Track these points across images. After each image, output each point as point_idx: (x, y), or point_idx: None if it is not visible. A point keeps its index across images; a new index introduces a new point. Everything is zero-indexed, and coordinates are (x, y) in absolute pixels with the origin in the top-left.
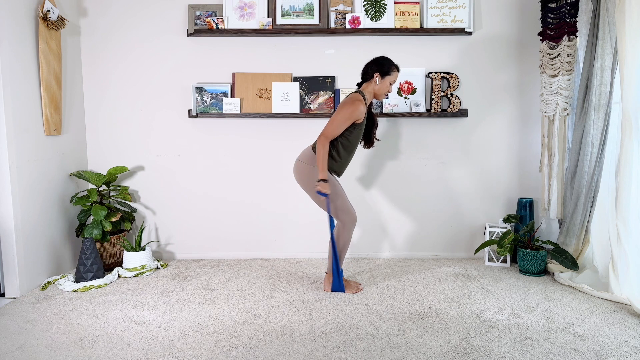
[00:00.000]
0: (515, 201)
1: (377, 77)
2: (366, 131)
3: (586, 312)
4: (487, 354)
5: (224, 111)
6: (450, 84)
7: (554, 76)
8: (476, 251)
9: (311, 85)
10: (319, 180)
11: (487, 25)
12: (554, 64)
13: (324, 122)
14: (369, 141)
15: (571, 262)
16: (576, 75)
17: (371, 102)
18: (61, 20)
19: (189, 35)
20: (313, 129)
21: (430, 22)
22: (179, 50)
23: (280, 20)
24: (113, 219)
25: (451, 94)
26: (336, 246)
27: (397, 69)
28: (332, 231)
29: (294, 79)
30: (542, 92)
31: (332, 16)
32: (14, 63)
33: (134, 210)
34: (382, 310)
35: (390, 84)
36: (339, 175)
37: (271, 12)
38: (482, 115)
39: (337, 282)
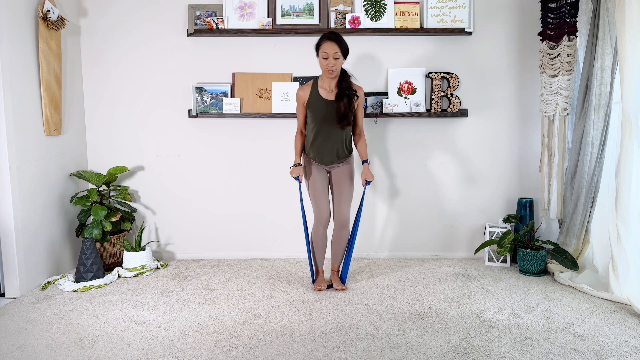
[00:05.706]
0: (515, 201)
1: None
2: (336, 110)
3: (586, 312)
4: (487, 354)
5: (224, 111)
6: (450, 84)
7: (554, 76)
8: (476, 251)
9: None
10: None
11: (487, 25)
12: (554, 64)
13: None
14: (341, 121)
15: (571, 262)
16: (576, 75)
17: (344, 81)
18: (61, 20)
19: (189, 35)
20: None
21: (430, 22)
22: (179, 50)
23: (280, 20)
24: (113, 219)
25: (451, 94)
26: (308, 240)
27: (327, 38)
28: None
29: (294, 79)
30: (542, 92)
31: (332, 16)
32: (14, 63)
33: (134, 210)
34: (382, 310)
35: (324, 59)
36: (321, 162)
37: (271, 12)
38: (482, 115)
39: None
